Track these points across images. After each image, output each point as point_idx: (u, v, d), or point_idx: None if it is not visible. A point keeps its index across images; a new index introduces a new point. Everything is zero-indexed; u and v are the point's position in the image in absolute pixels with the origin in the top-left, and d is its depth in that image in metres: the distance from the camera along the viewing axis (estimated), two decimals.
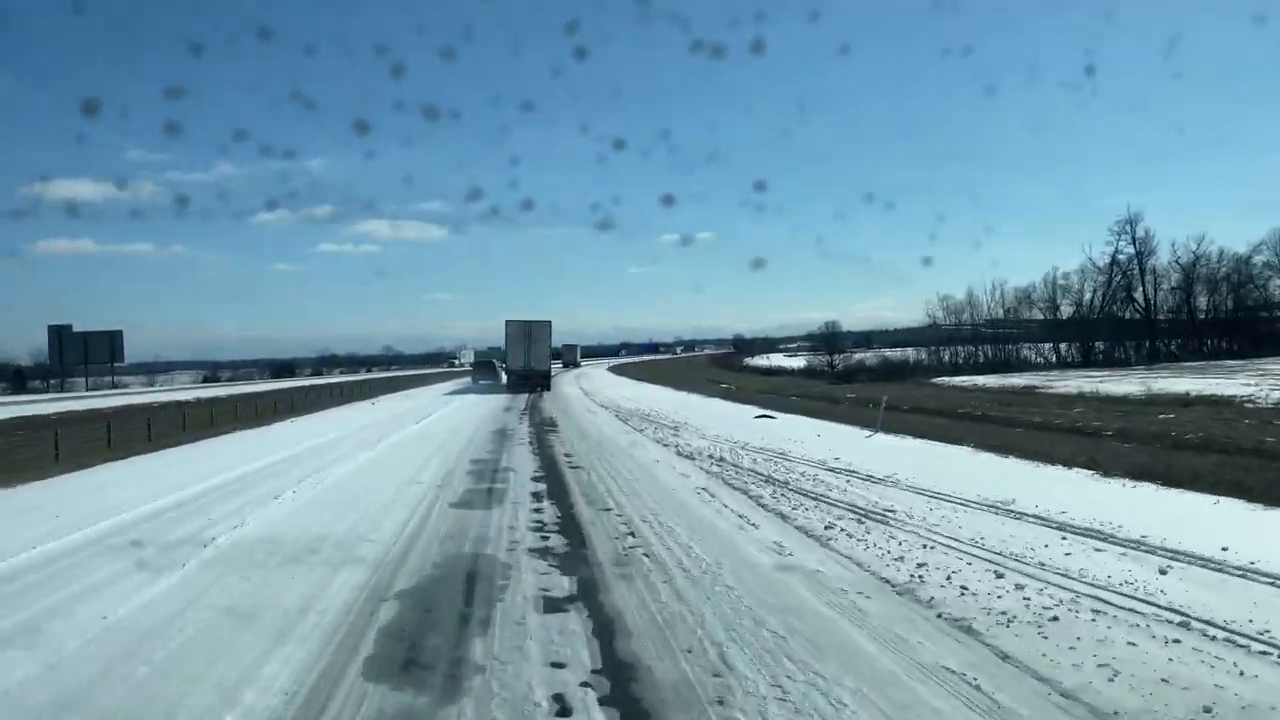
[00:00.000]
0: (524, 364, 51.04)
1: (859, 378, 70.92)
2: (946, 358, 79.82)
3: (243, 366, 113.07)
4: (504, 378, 54.08)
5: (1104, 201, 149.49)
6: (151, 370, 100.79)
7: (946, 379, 66.63)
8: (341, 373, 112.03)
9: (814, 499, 12.21)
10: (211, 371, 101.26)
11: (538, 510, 12.01)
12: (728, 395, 47.11)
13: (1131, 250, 73.47)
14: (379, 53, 72.23)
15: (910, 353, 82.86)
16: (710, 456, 17.44)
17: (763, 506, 11.84)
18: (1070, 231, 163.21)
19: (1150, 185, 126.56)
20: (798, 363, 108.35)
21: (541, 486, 14.13)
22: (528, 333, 51.23)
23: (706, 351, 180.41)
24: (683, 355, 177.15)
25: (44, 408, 40.79)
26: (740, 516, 11.17)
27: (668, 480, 14.56)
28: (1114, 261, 74.10)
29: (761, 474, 14.76)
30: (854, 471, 14.79)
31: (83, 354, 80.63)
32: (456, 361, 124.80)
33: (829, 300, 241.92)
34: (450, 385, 62.24)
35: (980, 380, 61.49)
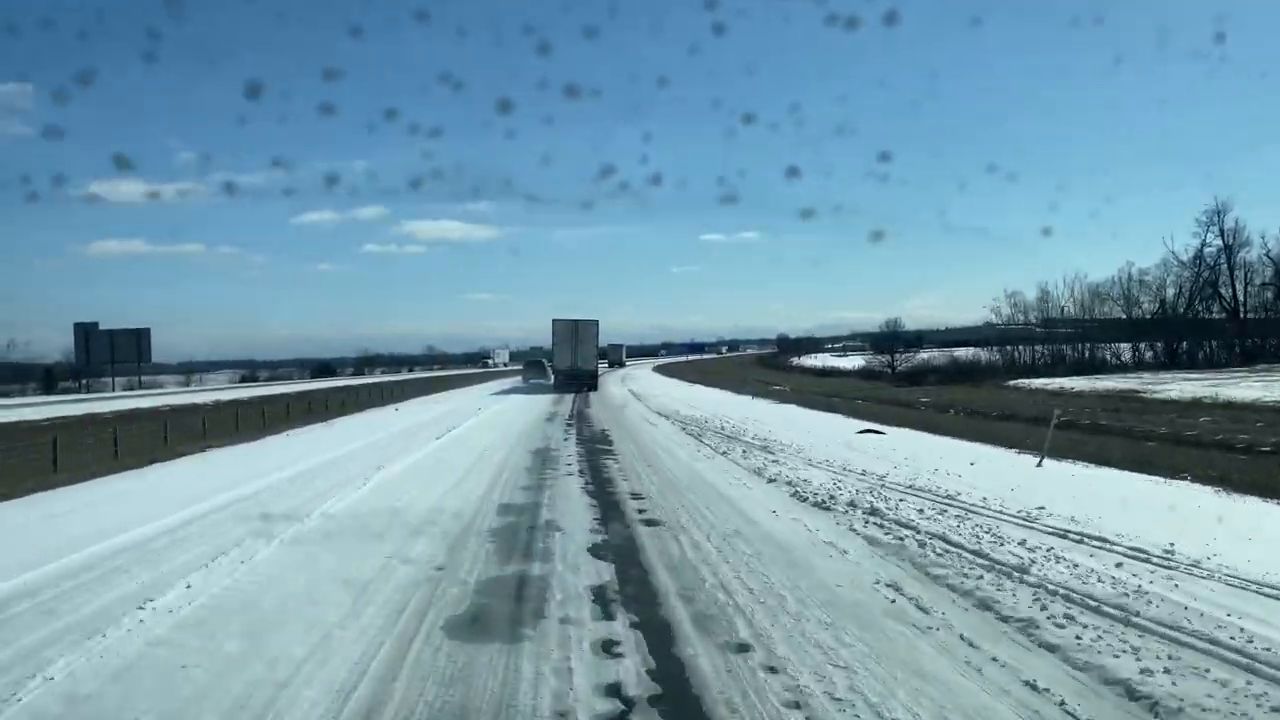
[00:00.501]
0: (571, 363, 49.60)
1: (926, 379, 64.55)
2: (1018, 357, 73.59)
3: (283, 366, 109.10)
4: (551, 377, 53.06)
5: (1182, 195, 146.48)
6: (190, 369, 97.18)
7: (1024, 381, 60.40)
8: (383, 372, 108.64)
9: (1140, 631, 6.34)
10: (250, 371, 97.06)
11: (610, 648, 6.22)
12: (793, 400, 41.34)
13: (1220, 243, 66.38)
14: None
15: (978, 352, 76.26)
16: (851, 504, 11.58)
17: (1073, 667, 5.79)
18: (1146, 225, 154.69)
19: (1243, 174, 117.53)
20: (849, 362, 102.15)
21: (606, 570, 8.42)
22: (574, 332, 49.76)
23: (749, 351, 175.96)
24: (727, 355, 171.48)
25: (72, 408, 36.02)
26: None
27: (812, 560, 8.75)
28: (1200, 255, 67.04)
29: (967, 548, 8.86)
30: (1106, 540, 8.96)
31: (109, 353, 77.00)
32: (491, 361, 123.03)
33: (873, 300, 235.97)
34: (488, 387, 56.99)
35: (1065, 383, 55.31)
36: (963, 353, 76.32)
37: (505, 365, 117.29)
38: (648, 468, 16.16)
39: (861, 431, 22.68)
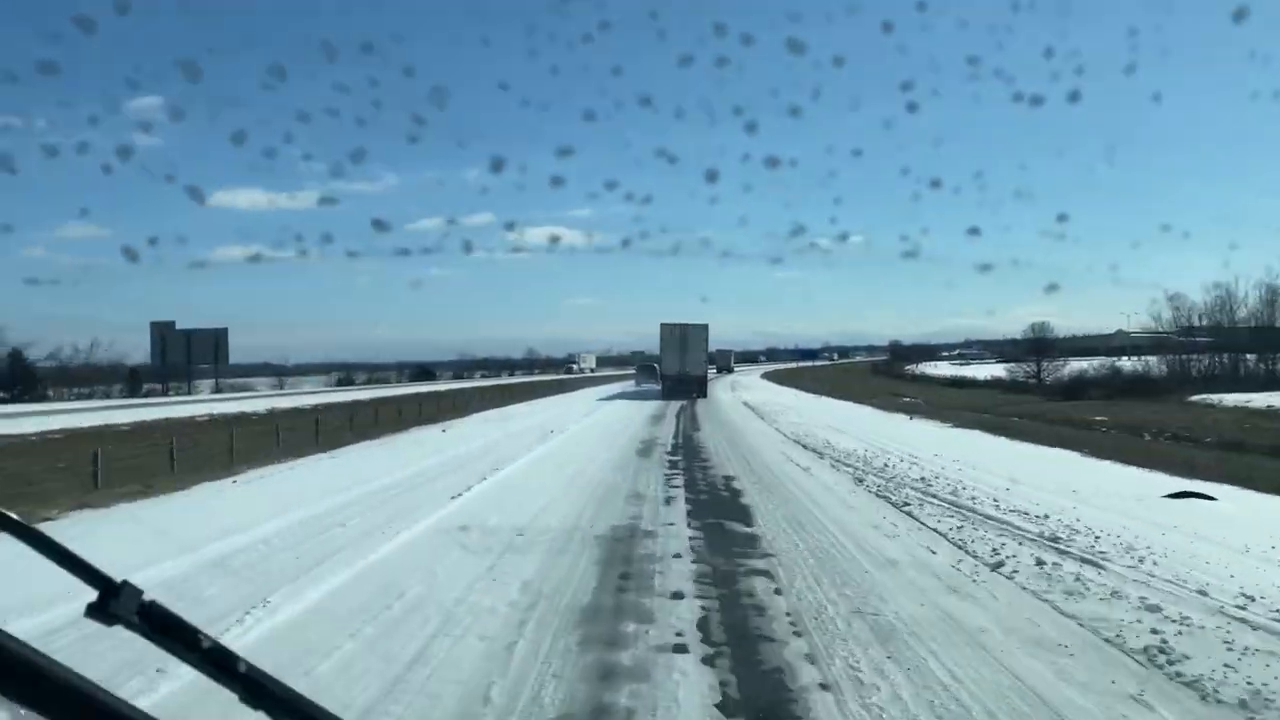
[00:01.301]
0: (679, 369, 47.72)
1: (1086, 393, 52.79)
2: (1192, 368, 61.61)
3: (381, 369, 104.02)
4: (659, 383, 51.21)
5: None
6: (277, 372, 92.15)
7: (1209, 396, 48.56)
8: (483, 375, 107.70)
9: None
10: (346, 374, 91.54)
11: None
12: (955, 419, 31.64)
13: None
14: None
15: (1148, 362, 64.02)
16: None
17: None
18: None
19: None
20: (977, 371, 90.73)
21: None
22: (683, 337, 47.95)
23: (858, 359, 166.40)
24: (839, 361, 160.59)
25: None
26: None
27: None
28: None
29: None
30: None
31: (186, 354, 71.82)
32: (575, 367, 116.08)
33: (982, 306, 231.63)
34: (575, 402, 48.61)
35: (1271, 400, 43.56)
36: (1126, 363, 64.56)
37: (592, 371, 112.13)
38: (869, 632, 6.79)
39: (1176, 495, 12.92)
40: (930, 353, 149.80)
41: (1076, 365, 61.55)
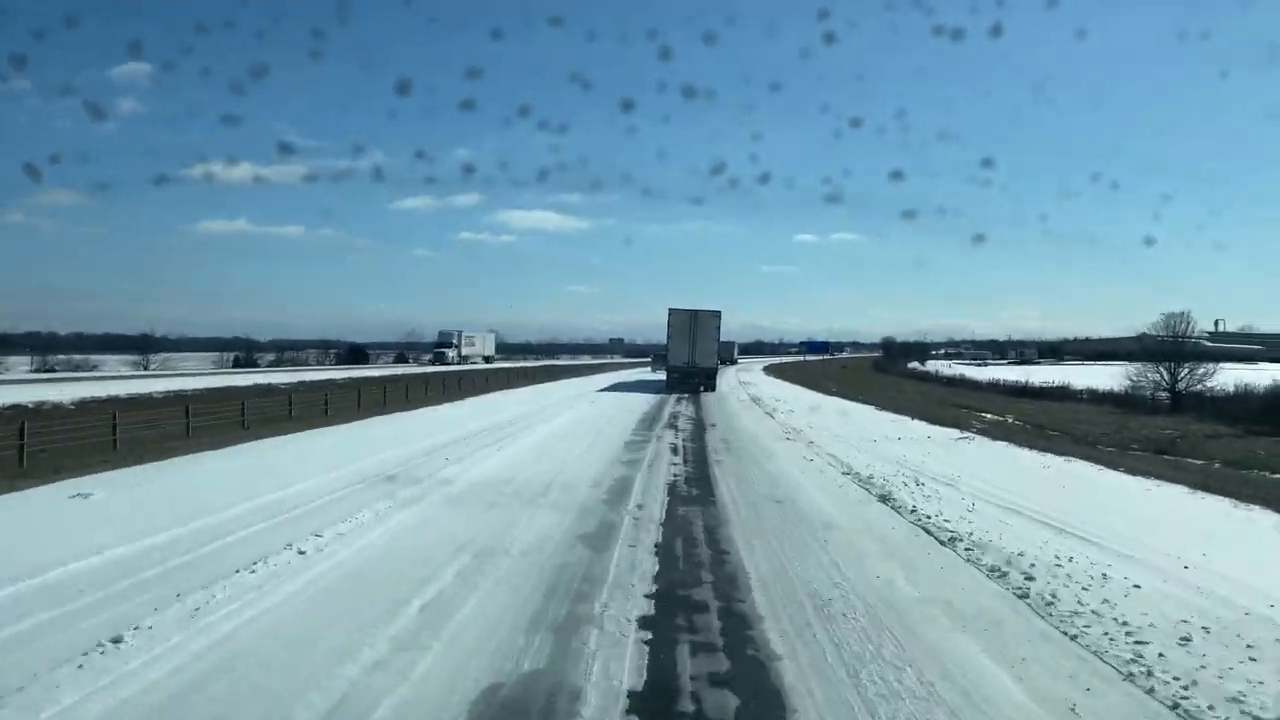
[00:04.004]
0: (688, 359, 42.91)
1: (1229, 414, 36.43)
2: None
3: (309, 347, 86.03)
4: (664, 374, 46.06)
5: None
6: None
7: None
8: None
9: None
10: (247, 353, 73.55)
11: None
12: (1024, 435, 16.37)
13: None
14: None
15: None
16: None
17: None
18: None
19: None
20: (1079, 377, 74.98)
21: None
22: (692, 323, 42.91)
23: (844, 355, 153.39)
24: (837, 357, 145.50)
25: None
26: None
27: None
28: None
29: None
30: None
31: None
32: (451, 354, 74.93)
33: (975, 307, 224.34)
34: (533, 397, 32.41)
35: None
36: (1249, 371, 48.17)
37: (485, 360, 79.94)
38: None
39: None
40: (924, 351, 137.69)
41: (1231, 375, 44.50)
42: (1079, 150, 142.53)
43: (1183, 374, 44.09)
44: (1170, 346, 45.87)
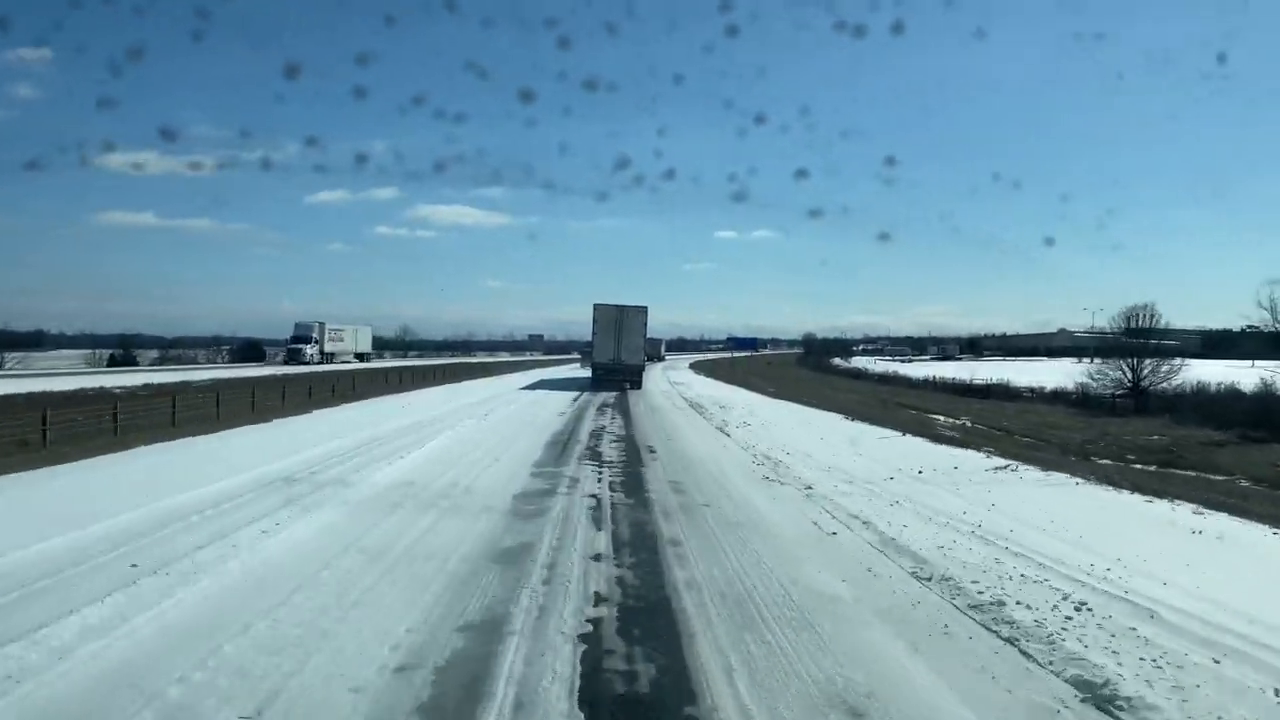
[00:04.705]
0: (613, 356, 40.48)
1: (1214, 417, 32.43)
2: None
3: (197, 346, 77.65)
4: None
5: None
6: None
7: None
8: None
9: None
10: (123, 349, 65.10)
11: None
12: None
13: None
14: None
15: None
16: None
17: None
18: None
19: None
20: (947, 371, 71.62)
21: None
22: (619, 319, 40.59)
23: (766, 351, 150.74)
24: (758, 354, 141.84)
25: None
26: None
27: None
28: None
29: None
30: None
31: None
32: (309, 352, 60.78)
33: (887, 305, 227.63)
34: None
35: None
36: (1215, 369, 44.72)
37: (357, 358, 66.87)
38: None
39: None
40: (846, 347, 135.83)
41: (1198, 373, 40.66)
42: (980, 150, 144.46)
43: (1145, 372, 40.21)
44: (1135, 341, 41.80)
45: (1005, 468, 15.63)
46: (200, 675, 5.14)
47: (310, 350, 59.46)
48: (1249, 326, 41.68)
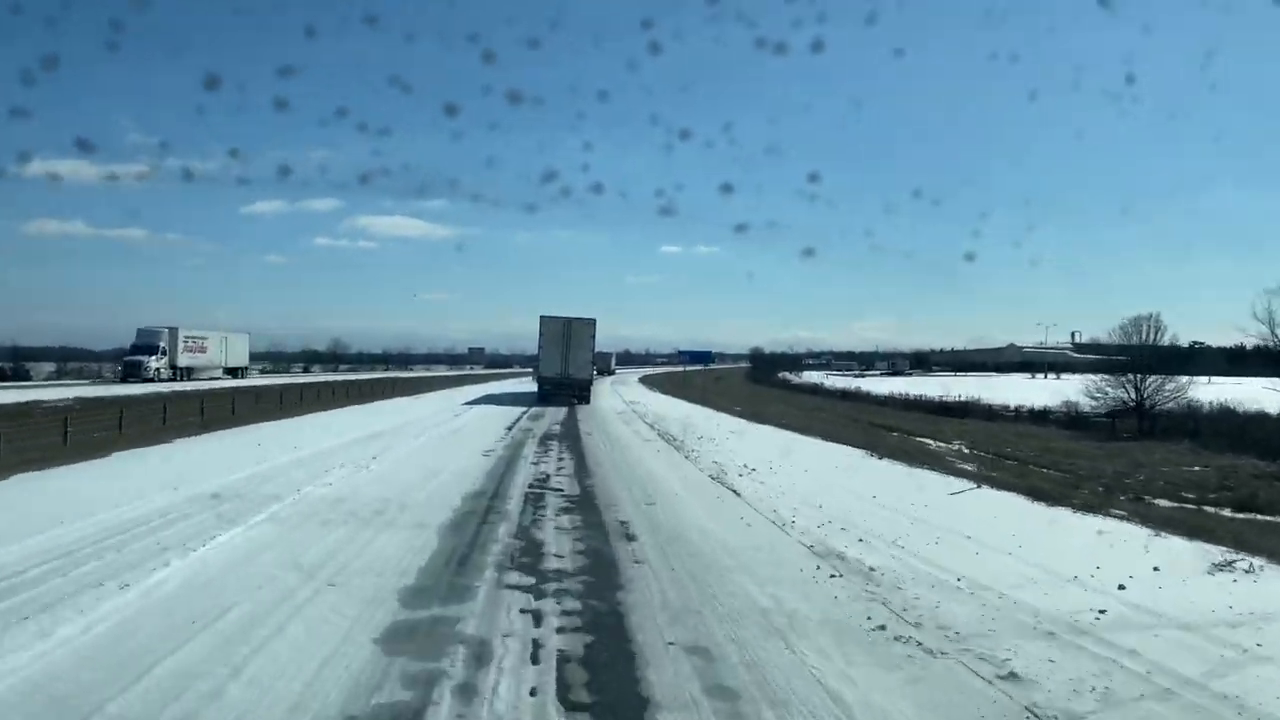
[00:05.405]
0: (561, 370, 39.32)
1: (1258, 444, 28.04)
2: None
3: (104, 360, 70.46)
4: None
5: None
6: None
7: None
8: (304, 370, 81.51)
9: None
10: (14, 362, 59.00)
11: None
12: None
13: None
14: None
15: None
16: None
17: None
18: None
19: None
20: (906, 387, 68.04)
21: None
22: (566, 332, 39.54)
23: (714, 365, 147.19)
24: (712, 368, 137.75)
25: None
26: None
27: None
28: None
29: None
30: None
31: None
32: (153, 365, 47.10)
33: (827, 321, 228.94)
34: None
35: None
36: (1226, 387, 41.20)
37: (240, 374, 56.14)
38: None
39: None
40: (794, 362, 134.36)
41: (1206, 392, 36.75)
42: (901, 166, 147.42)
43: (1148, 390, 36.20)
44: (1146, 356, 37.72)
45: (1112, 533, 10.63)
46: None
47: (155, 363, 46.61)
48: (1259, 345, 37.63)
